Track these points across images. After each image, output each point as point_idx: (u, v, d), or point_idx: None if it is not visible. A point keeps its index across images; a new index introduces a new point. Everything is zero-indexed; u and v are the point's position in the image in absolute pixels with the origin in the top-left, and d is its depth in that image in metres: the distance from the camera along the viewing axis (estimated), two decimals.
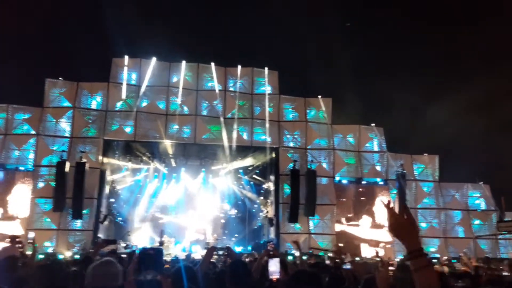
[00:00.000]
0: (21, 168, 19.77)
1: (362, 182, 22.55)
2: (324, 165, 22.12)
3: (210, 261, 6.32)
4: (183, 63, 21.83)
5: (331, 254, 16.09)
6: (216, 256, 12.47)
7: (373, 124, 23.28)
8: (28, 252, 9.88)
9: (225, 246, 11.42)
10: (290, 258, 11.25)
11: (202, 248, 20.74)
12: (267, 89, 22.65)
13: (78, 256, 13.48)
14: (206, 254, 5.10)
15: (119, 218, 23.17)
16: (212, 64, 22.17)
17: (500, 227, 19.70)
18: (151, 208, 23.59)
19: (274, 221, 21.37)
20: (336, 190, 21.84)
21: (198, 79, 22.12)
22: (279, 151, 21.72)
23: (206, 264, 4.96)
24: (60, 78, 20.70)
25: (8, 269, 4.28)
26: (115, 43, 20.45)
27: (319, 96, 22.87)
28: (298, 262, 7.04)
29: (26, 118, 20.25)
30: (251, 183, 24.13)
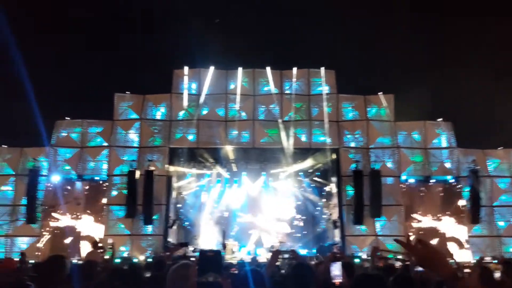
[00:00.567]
0: (96, 178, 21.28)
1: (431, 181, 21.45)
2: (389, 164, 21.33)
3: (275, 264, 6.37)
4: (240, 69, 22.27)
5: (400, 256, 15.50)
6: (281, 259, 12.50)
7: (440, 119, 22.10)
8: (106, 257, 10.58)
9: (290, 250, 11.41)
10: (356, 261, 11.01)
11: (266, 251, 20.90)
12: (324, 89, 22.33)
13: (151, 260, 14.23)
14: (271, 257, 5.16)
15: (186, 223, 24.09)
16: (268, 69, 22.35)
17: None
18: (215, 212, 24.26)
19: (338, 223, 20.98)
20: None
21: (254, 84, 22.41)
22: (339, 151, 21.31)
23: (272, 268, 5.02)
24: (127, 92, 22.03)
25: (86, 274, 4.54)
26: (175, 55, 21.38)
27: (380, 93, 22.16)
28: (367, 266, 6.88)
29: (99, 131, 21.73)
30: (312, 185, 23.91)
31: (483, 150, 21.81)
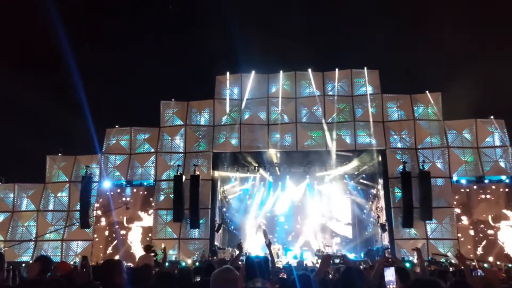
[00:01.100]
0: (144, 183, 22.02)
1: (484, 181, 20.32)
2: (439, 164, 20.46)
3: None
4: (281, 73, 22.29)
5: (454, 261, 14.77)
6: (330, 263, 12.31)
7: (491, 116, 20.93)
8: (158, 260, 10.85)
9: (340, 254, 11.20)
10: (407, 265, 10.62)
11: (312, 255, 20.68)
12: (368, 89, 21.85)
13: (198, 264, 14.48)
14: (322, 262, 5.07)
15: (232, 227, 24.35)
16: (309, 70, 22.21)
17: None
18: (260, 216, 24.36)
19: (387, 226, 20.36)
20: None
21: (296, 87, 22.31)
22: (386, 153, 20.70)
23: (323, 273, 4.94)
24: (172, 99, 22.69)
25: (142, 278, 4.67)
26: (217, 61, 21.73)
27: (427, 91, 21.35)
28: (418, 271, 6.62)
29: (146, 138, 22.50)
30: (358, 188, 23.41)
31: None
